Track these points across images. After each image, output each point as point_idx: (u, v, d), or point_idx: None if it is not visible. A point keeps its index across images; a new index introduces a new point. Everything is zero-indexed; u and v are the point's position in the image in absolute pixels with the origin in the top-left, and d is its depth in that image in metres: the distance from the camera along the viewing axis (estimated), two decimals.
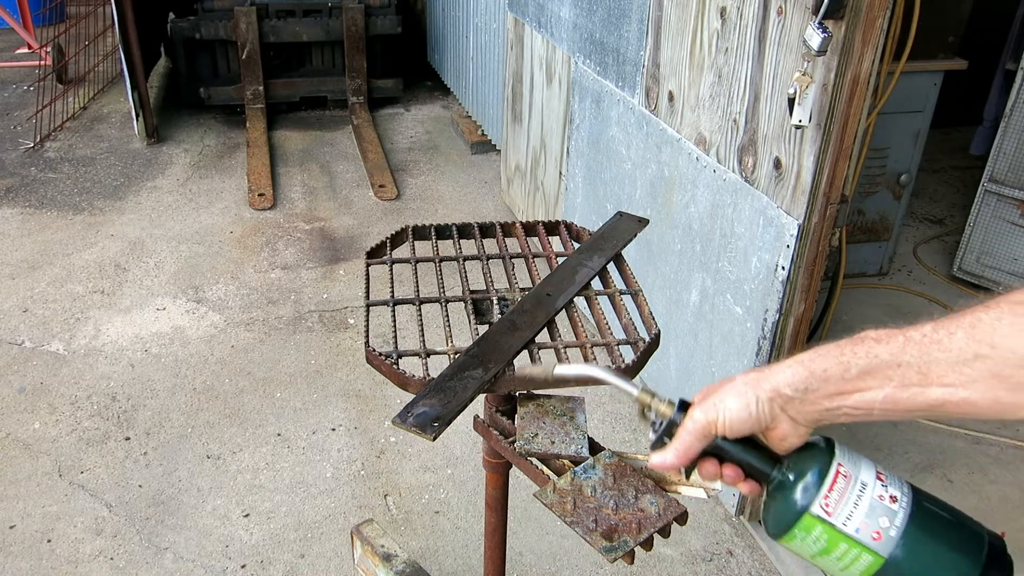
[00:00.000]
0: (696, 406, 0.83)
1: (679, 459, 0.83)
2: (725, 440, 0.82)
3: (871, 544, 0.75)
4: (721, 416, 0.80)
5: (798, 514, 0.78)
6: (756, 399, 0.79)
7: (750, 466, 0.83)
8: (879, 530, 0.75)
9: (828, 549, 0.77)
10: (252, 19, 4.96)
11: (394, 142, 5.10)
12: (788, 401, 0.78)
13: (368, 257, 1.57)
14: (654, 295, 2.62)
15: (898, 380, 0.73)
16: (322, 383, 2.95)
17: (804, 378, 0.77)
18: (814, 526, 0.77)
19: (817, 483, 0.77)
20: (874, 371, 0.74)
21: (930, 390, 0.72)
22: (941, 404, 0.72)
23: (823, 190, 1.86)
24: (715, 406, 0.81)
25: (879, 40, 1.72)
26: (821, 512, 0.76)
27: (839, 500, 0.76)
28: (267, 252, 3.81)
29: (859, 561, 0.76)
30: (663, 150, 2.51)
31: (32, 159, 4.65)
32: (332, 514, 2.42)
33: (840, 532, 0.76)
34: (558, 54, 3.27)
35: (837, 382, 0.75)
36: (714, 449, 0.83)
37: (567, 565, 2.28)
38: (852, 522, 0.76)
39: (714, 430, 0.82)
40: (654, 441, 0.87)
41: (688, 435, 0.82)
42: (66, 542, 2.30)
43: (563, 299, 1.43)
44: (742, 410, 0.79)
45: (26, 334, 3.17)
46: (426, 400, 1.19)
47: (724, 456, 0.84)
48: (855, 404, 0.75)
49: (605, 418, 2.83)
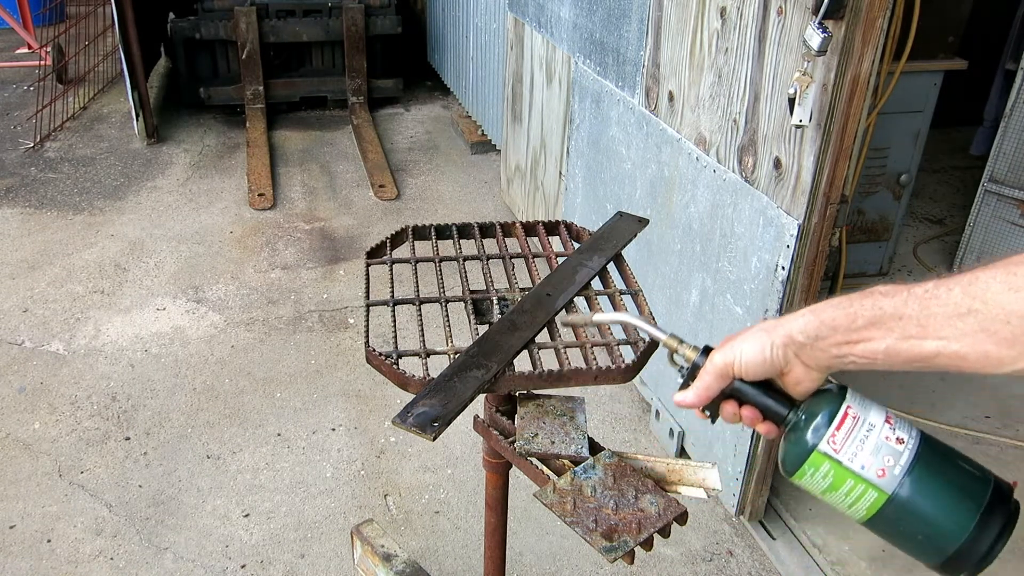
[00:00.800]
0: (716, 350, 0.90)
1: (698, 397, 0.91)
2: (743, 382, 0.89)
3: (876, 481, 0.80)
4: (738, 358, 0.87)
5: (808, 451, 0.83)
6: (771, 344, 0.85)
7: (767, 408, 0.89)
8: (884, 468, 0.79)
9: (835, 485, 0.82)
10: (252, 19, 4.96)
11: (394, 142, 5.10)
12: (800, 347, 0.84)
13: (368, 257, 1.57)
14: (654, 295, 2.62)
15: (899, 332, 0.77)
16: (322, 383, 2.95)
17: (815, 326, 0.82)
18: (822, 463, 0.82)
19: (826, 423, 0.83)
20: (878, 322, 0.78)
21: (926, 342, 0.76)
22: (935, 356, 0.76)
23: (823, 190, 1.86)
24: (732, 349, 0.88)
25: (879, 40, 1.72)
26: (828, 449, 0.82)
27: (846, 439, 0.81)
28: (267, 252, 3.81)
29: (864, 497, 0.80)
30: (663, 150, 2.51)
31: (32, 159, 4.65)
32: (332, 514, 2.42)
33: (846, 469, 0.81)
34: (558, 54, 3.27)
35: (845, 331, 0.80)
36: (733, 391, 0.90)
37: (567, 565, 2.28)
38: (858, 459, 0.80)
39: (731, 371, 0.88)
40: (682, 383, 0.95)
41: (707, 375, 0.89)
42: (66, 542, 2.30)
43: (563, 299, 1.43)
44: (757, 353, 0.86)
45: (26, 334, 3.17)
46: (426, 400, 1.19)
47: (742, 398, 0.90)
48: (861, 353, 0.80)
49: (605, 418, 2.83)
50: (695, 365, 0.93)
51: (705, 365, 0.91)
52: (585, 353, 1.34)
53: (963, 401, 2.88)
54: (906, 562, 2.22)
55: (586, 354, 1.34)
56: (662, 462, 1.27)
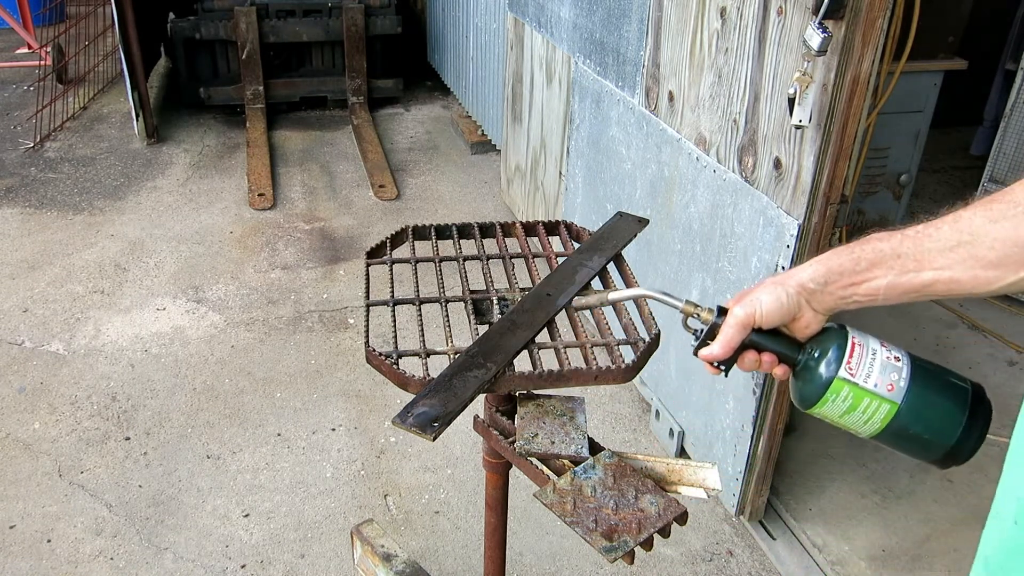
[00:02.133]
0: (734, 304, 0.99)
1: (724, 349, 0.99)
2: (758, 332, 0.98)
3: (887, 395, 0.92)
4: (758, 308, 0.96)
5: (828, 381, 0.93)
6: (786, 293, 0.95)
7: (781, 353, 0.99)
8: (891, 383, 0.92)
9: (854, 405, 0.93)
10: (252, 19, 4.96)
11: (394, 142, 5.10)
12: (811, 293, 0.94)
13: (368, 257, 1.57)
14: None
15: (899, 268, 0.88)
16: (322, 383, 2.95)
17: (823, 273, 0.93)
18: (842, 388, 0.93)
19: (839, 355, 0.94)
20: (879, 262, 0.89)
21: (923, 273, 0.87)
22: (932, 283, 0.87)
23: (823, 190, 1.86)
24: (751, 302, 0.97)
25: (879, 40, 1.72)
26: (847, 375, 0.93)
27: (859, 364, 0.93)
28: (267, 252, 3.81)
29: (879, 411, 0.93)
30: (663, 150, 2.51)
31: (32, 159, 4.65)
32: (332, 514, 2.42)
33: (863, 389, 0.93)
34: (558, 54, 3.27)
35: (850, 274, 0.91)
36: (751, 342, 0.99)
37: (567, 565, 2.28)
38: (871, 379, 0.92)
39: (752, 321, 0.97)
40: (697, 344, 1.03)
41: (730, 328, 0.98)
42: (66, 542, 2.30)
43: (563, 299, 1.43)
44: (774, 302, 0.95)
45: (26, 334, 3.17)
46: (426, 400, 1.19)
47: (760, 346, 0.99)
48: (865, 292, 0.91)
49: (605, 418, 2.83)
50: (714, 324, 1.01)
51: (727, 319, 0.98)
52: (585, 353, 1.34)
53: None
54: (906, 562, 2.22)
55: (586, 354, 1.34)
56: (662, 462, 1.27)
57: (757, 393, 2.17)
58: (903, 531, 2.35)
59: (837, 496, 2.48)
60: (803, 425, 2.73)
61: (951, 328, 3.32)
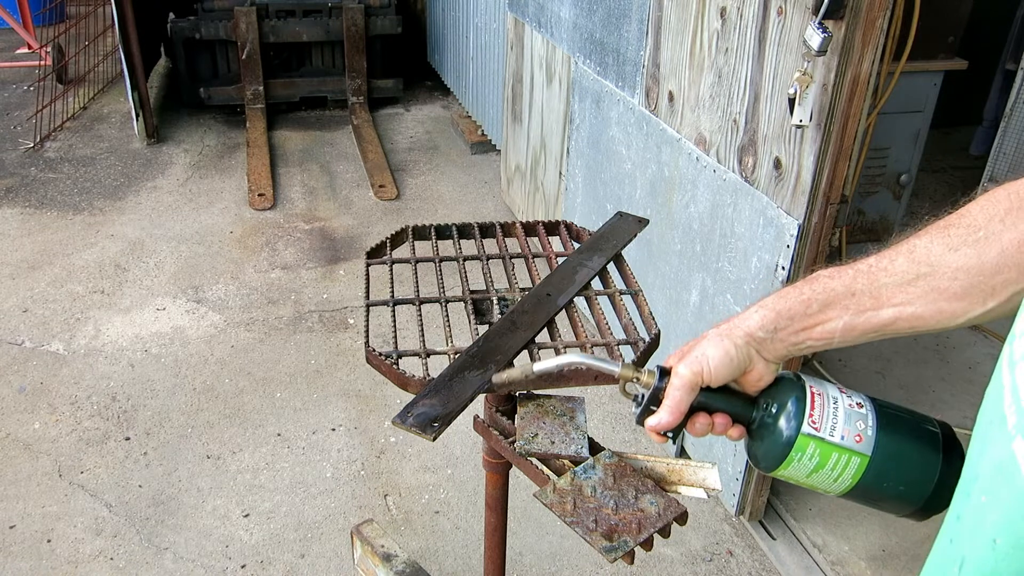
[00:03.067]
0: (678, 364, 0.88)
1: (673, 415, 0.88)
2: (709, 391, 0.88)
3: (856, 447, 0.83)
4: (705, 366, 0.86)
5: (791, 438, 0.84)
6: (734, 345, 0.85)
7: (735, 412, 0.89)
8: (859, 434, 0.83)
9: (822, 463, 0.84)
10: (252, 19, 4.96)
11: (394, 142, 5.10)
12: (761, 342, 0.86)
13: (368, 257, 1.57)
14: (654, 295, 2.62)
15: (854, 308, 0.81)
16: (322, 383, 2.95)
17: (772, 319, 0.85)
18: (807, 444, 0.84)
19: (799, 408, 0.84)
20: (832, 303, 0.82)
21: (882, 311, 0.80)
22: (893, 322, 0.80)
23: (823, 190, 1.86)
24: (697, 359, 0.87)
25: (879, 40, 1.72)
26: (811, 430, 0.83)
27: (822, 416, 0.84)
28: (267, 252, 3.81)
29: (849, 465, 0.83)
30: (663, 150, 2.51)
31: (32, 159, 4.65)
32: (332, 514, 2.42)
33: (830, 443, 0.83)
34: (558, 54, 3.27)
35: (802, 319, 0.84)
36: (699, 404, 0.89)
37: (567, 565, 2.28)
38: (837, 431, 0.83)
39: (700, 380, 0.87)
40: (640, 411, 0.91)
41: (677, 391, 0.87)
42: (66, 542, 2.30)
43: (563, 299, 1.43)
44: (723, 357, 0.85)
45: (26, 334, 3.17)
46: (426, 400, 1.19)
47: (710, 407, 0.89)
48: (819, 336, 0.84)
49: (605, 418, 2.83)
50: (657, 388, 0.90)
51: (672, 381, 0.88)
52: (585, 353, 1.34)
53: (963, 401, 2.88)
54: (906, 561, 2.22)
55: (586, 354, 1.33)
56: (662, 462, 1.28)
57: None
58: (903, 531, 2.35)
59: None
60: None
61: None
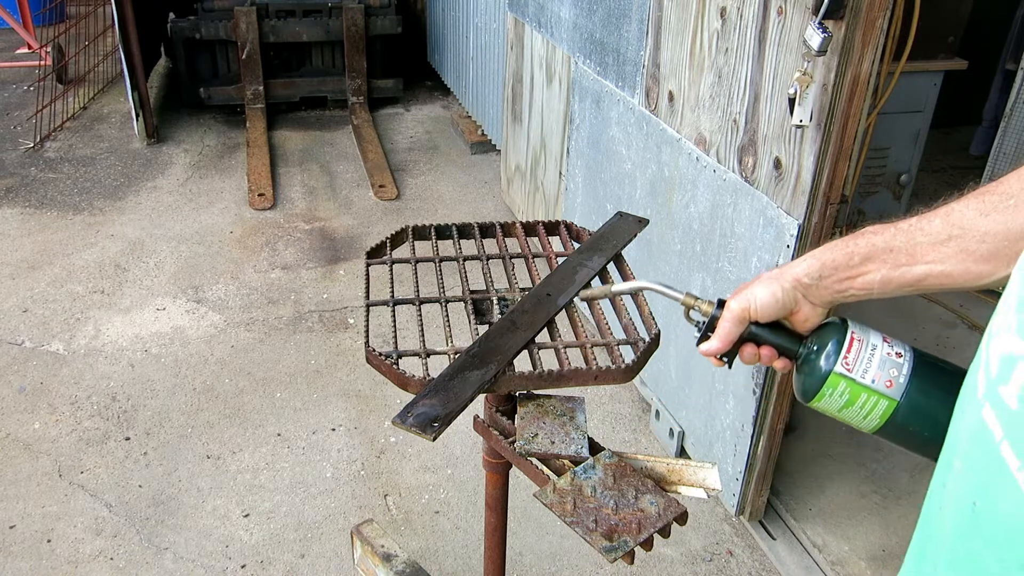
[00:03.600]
0: (731, 299, 0.99)
1: (721, 343, 0.99)
2: (758, 325, 0.99)
3: (885, 391, 0.91)
4: (753, 303, 0.97)
5: (825, 375, 0.93)
6: (781, 288, 0.95)
7: (781, 346, 0.99)
8: (890, 379, 0.91)
9: (851, 401, 0.92)
10: (252, 19, 4.96)
11: (394, 142, 5.10)
12: (806, 288, 0.95)
13: (368, 257, 1.57)
14: (654, 295, 2.61)
15: (892, 262, 0.88)
16: (322, 383, 2.95)
17: (818, 268, 0.93)
18: (839, 382, 0.92)
19: (837, 349, 0.93)
20: (873, 257, 0.89)
21: (916, 267, 0.87)
22: (924, 278, 0.87)
23: (823, 190, 1.86)
24: (747, 297, 0.97)
25: (879, 40, 1.72)
26: (843, 370, 0.92)
27: (856, 359, 0.92)
28: (267, 252, 3.81)
29: (878, 407, 0.91)
30: (663, 150, 2.51)
31: (32, 159, 4.65)
32: (332, 514, 2.42)
33: (860, 384, 0.91)
34: (558, 54, 3.27)
35: (845, 269, 0.91)
36: (750, 335, 0.99)
37: (567, 565, 2.28)
38: (868, 375, 0.91)
39: (747, 316, 0.98)
40: (700, 337, 1.03)
41: (727, 322, 0.98)
42: (66, 542, 2.30)
43: (563, 299, 1.43)
44: (769, 297, 0.95)
45: (26, 334, 3.17)
46: (426, 400, 1.19)
47: (759, 340, 1.00)
48: (860, 286, 0.91)
49: (605, 418, 2.83)
50: (713, 317, 1.01)
51: (724, 313, 0.99)
52: (585, 353, 1.34)
53: None
54: None
55: (586, 354, 1.34)
56: (662, 462, 1.28)
57: (757, 393, 2.17)
58: (903, 531, 2.35)
59: (837, 496, 2.48)
60: (803, 425, 2.73)
61: (951, 328, 3.32)
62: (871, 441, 2.69)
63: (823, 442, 2.69)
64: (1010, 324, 0.61)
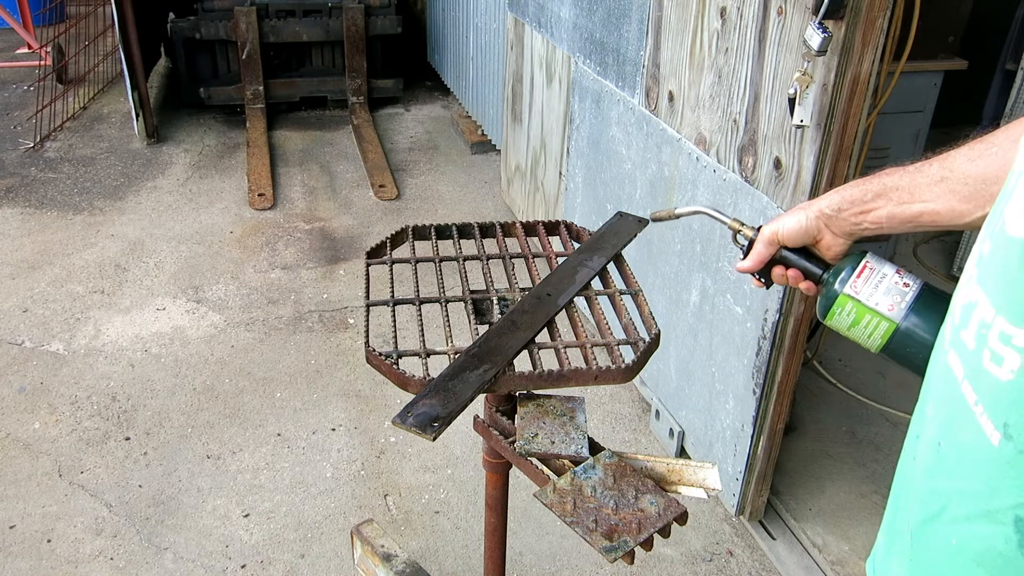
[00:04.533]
0: (764, 225, 1.13)
1: (753, 262, 1.14)
2: (788, 249, 1.12)
3: (887, 314, 1.00)
4: (781, 228, 1.10)
5: (836, 295, 1.04)
6: (806, 216, 1.07)
7: (806, 269, 1.11)
8: (892, 304, 1.00)
9: (857, 320, 1.03)
10: (252, 19, 4.96)
11: (394, 142, 5.10)
12: (828, 218, 1.06)
13: (368, 257, 1.57)
14: (654, 295, 2.62)
15: (896, 199, 0.98)
16: (322, 383, 2.95)
17: (838, 201, 1.04)
18: (846, 303, 1.03)
19: (849, 273, 1.04)
20: (882, 194, 0.99)
21: (914, 205, 0.96)
22: (920, 215, 0.96)
23: (823, 190, 1.86)
24: (777, 223, 1.11)
25: (879, 40, 1.72)
26: (852, 292, 1.03)
27: (865, 283, 1.03)
28: (267, 252, 3.81)
29: (879, 327, 1.01)
30: (663, 150, 2.51)
31: (32, 159, 4.65)
32: (332, 514, 2.42)
33: (865, 305, 1.02)
34: (558, 54, 3.27)
35: (860, 204, 1.02)
36: (781, 258, 1.13)
37: (567, 565, 2.28)
38: (873, 298, 1.01)
39: (776, 239, 1.11)
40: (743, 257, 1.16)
41: (759, 244, 1.13)
42: (66, 542, 2.30)
43: (563, 299, 1.43)
44: (795, 224, 1.08)
45: (26, 334, 3.17)
46: (426, 400, 1.19)
47: (787, 262, 1.13)
48: (872, 220, 1.02)
49: (605, 418, 2.83)
50: (751, 240, 1.14)
51: (757, 236, 1.13)
52: (585, 353, 1.34)
53: None
54: None
55: (586, 354, 1.34)
56: (662, 462, 1.28)
57: (757, 393, 2.17)
58: None
59: (837, 496, 2.49)
60: (803, 425, 2.73)
61: None
62: (871, 441, 2.69)
63: (823, 442, 2.69)
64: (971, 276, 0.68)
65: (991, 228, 0.66)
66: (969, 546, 0.64)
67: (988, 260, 0.64)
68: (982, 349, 0.62)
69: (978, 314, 0.64)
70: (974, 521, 0.63)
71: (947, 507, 0.66)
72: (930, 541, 0.69)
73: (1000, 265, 0.62)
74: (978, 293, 0.65)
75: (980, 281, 0.65)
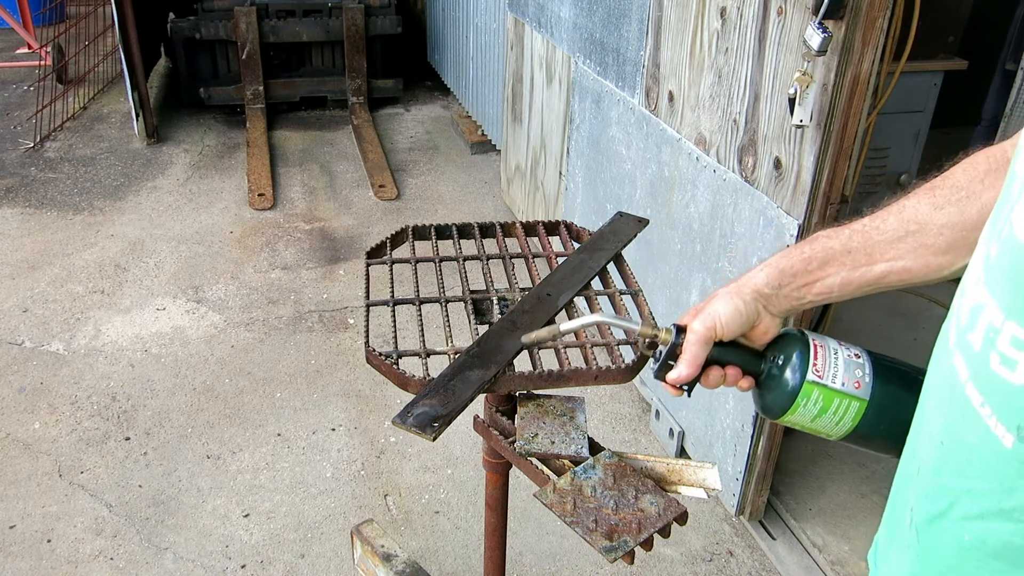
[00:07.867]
0: (691, 320, 0.96)
1: (690, 368, 0.95)
2: (720, 345, 0.96)
3: (855, 392, 0.92)
4: (717, 321, 0.94)
5: (797, 386, 0.92)
6: (743, 301, 0.94)
7: (745, 364, 0.97)
8: (857, 380, 0.92)
9: (825, 407, 0.92)
10: (252, 19, 4.96)
11: (394, 142, 5.10)
12: (767, 298, 0.94)
13: (368, 257, 1.57)
14: (654, 295, 2.62)
15: (850, 264, 0.89)
16: (322, 383, 2.95)
17: (776, 276, 0.93)
18: (812, 391, 0.92)
19: (803, 358, 0.93)
20: (830, 260, 0.90)
21: (876, 266, 0.88)
22: (885, 275, 0.88)
23: (823, 190, 1.86)
24: (710, 315, 0.94)
25: (879, 40, 1.72)
26: (815, 377, 0.92)
27: (824, 365, 0.92)
28: (267, 252, 3.81)
29: (850, 409, 0.92)
30: (663, 150, 2.51)
31: (32, 159, 4.65)
32: (332, 514, 2.42)
33: (832, 389, 0.92)
34: (558, 54, 3.27)
35: (803, 275, 0.92)
36: (713, 357, 0.96)
37: (567, 565, 2.28)
38: (838, 379, 0.92)
39: (713, 335, 0.94)
40: (659, 366, 0.99)
41: (693, 345, 0.95)
42: (66, 542, 2.30)
43: (563, 299, 1.43)
44: (733, 312, 0.93)
45: (26, 334, 3.17)
46: (426, 400, 1.19)
47: (723, 361, 0.97)
48: (819, 291, 0.92)
49: (605, 418, 2.83)
50: (674, 344, 0.97)
51: (688, 337, 0.95)
52: (585, 353, 1.34)
53: None
54: None
55: (586, 354, 1.34)
56: (662, 462, 1.28)
57: None
58: None
59: (837, 496, 2.49)
60: None
61: None
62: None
63: (823, 442, 2.68)
64: (978, 278, 0.66)
65: (997, 231, 0.65)
66: (985, 542, 0.64)
67: (996, 264, 0.64)
68: (989, 352, 0.62)
69: (986, 317, 0.63)
70: (988, 519, 0.63)
71: (956, 504, 0.66)
72: (939, 537, 0.69)
73: (1008, 269, 0.62)
74: (985, 296, 0.64)
75: (988, 284, 0.64)
